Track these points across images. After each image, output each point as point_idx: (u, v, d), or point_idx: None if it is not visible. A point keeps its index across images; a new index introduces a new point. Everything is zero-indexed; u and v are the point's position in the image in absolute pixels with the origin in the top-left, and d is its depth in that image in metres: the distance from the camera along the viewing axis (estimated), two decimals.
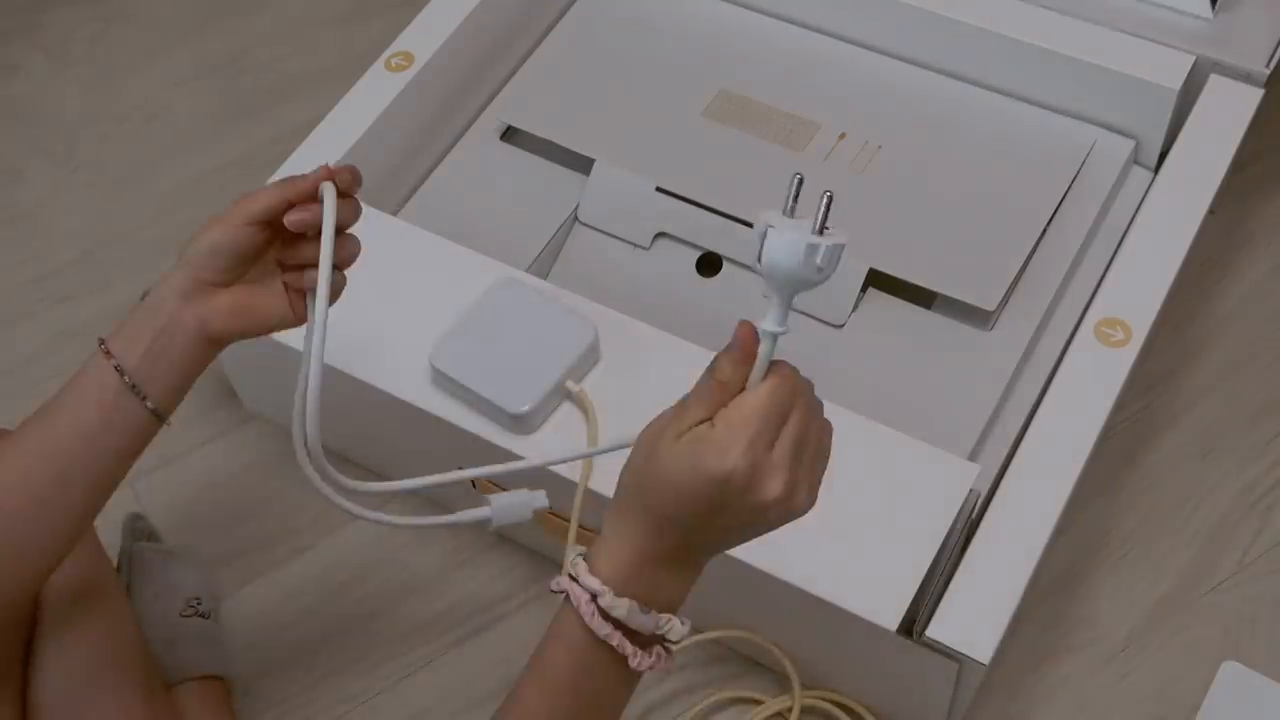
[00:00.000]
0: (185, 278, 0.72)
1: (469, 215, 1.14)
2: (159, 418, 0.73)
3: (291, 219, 0.70)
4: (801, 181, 0.59)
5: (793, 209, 0.59)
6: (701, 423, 0.59)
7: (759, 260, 0.59)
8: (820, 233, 0.58)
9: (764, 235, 0.59)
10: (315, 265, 0.71)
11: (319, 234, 0.71)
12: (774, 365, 0.60)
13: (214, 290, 0.72)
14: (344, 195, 0.72)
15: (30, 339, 1.25)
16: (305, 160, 1.09)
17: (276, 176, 1.09)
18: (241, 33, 1.47)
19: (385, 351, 0.96)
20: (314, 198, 0.71)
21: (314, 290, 0.71)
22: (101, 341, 0.72)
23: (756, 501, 0.59)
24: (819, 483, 0.61)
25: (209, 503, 1.13)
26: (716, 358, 0.60)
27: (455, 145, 1.19)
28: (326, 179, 0.71)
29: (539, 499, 0.81)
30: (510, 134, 1.19)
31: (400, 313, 0.98)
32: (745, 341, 0.59)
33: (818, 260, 0.58)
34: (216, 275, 0.72)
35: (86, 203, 1.34)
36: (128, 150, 1.38)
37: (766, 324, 0.60)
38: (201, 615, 1.01)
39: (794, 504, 0.60)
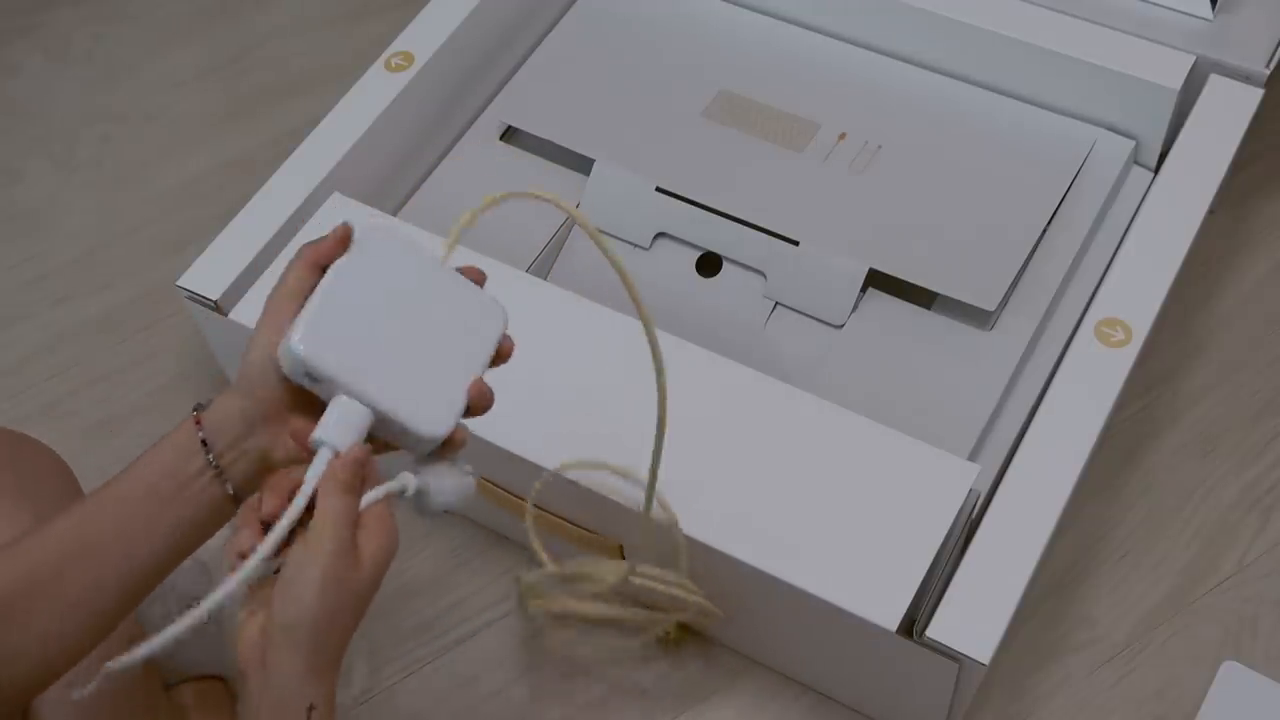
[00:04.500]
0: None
1: None
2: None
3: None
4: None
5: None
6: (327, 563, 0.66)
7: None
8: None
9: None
10: None
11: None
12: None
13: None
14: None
15: (30, 339, 1.25)
16: (305, 160, 1.09)
17: (276, 176, 1.09)
18: (241, 33, 1.47)
19: None
20: None
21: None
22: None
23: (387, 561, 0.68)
24: None
25: None
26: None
27: (455, 145, 1.19)
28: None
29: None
30: (510, 134, 1.19)
31: None
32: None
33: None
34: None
35: (86, 203, 1.34)
36: (128, 150, 1.38)
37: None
38: None
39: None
